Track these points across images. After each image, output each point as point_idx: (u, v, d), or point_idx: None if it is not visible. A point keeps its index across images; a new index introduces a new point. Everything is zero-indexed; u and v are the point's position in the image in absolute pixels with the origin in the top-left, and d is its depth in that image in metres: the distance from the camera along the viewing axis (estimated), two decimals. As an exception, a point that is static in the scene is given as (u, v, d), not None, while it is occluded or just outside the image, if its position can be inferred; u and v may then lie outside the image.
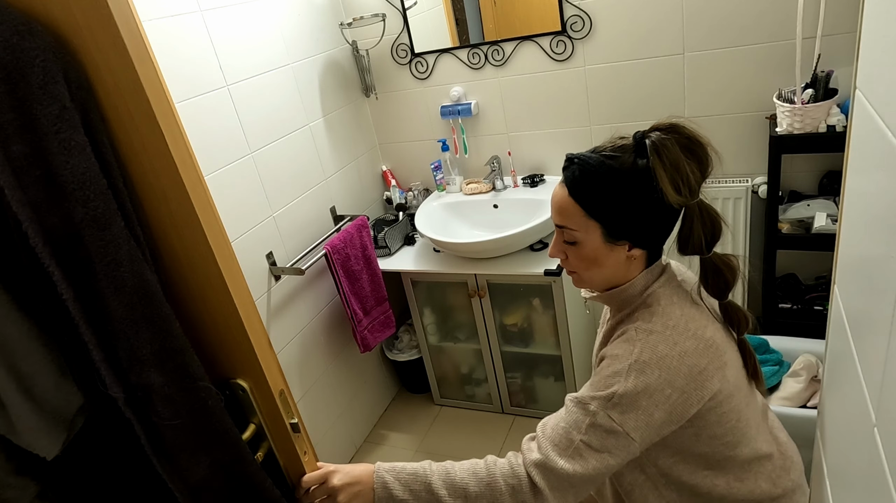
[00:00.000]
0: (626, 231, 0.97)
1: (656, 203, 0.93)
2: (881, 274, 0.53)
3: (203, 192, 0.80)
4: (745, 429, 0.99)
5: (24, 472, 0.81)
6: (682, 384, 0.91)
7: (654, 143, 0.93)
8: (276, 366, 0.94)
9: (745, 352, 1.03)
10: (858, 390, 0.61)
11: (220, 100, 1.74)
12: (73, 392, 0.78)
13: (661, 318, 0.96)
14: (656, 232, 0.99)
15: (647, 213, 0.96)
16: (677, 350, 0.92)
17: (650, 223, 0.97)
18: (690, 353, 0.92)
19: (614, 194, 0.95)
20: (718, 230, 0.98)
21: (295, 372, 2.06)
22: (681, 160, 0.92)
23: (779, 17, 1.75)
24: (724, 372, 0.95)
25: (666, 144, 0.93)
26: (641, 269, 1.01)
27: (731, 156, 1.99)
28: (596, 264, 1.01)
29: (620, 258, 0.99)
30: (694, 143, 0.94)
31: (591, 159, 0.97)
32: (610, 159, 0.96)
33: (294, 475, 1.01)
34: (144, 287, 0.74)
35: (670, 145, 0.93)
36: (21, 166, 0.66)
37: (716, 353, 0.94)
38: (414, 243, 2.36)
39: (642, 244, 0.99)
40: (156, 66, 0.73)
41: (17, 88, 0.65)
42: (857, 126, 0.64)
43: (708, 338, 0.95)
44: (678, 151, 0.93)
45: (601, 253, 0.99)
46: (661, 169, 0.92)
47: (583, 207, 0.97)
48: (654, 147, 0.93)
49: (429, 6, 2.17)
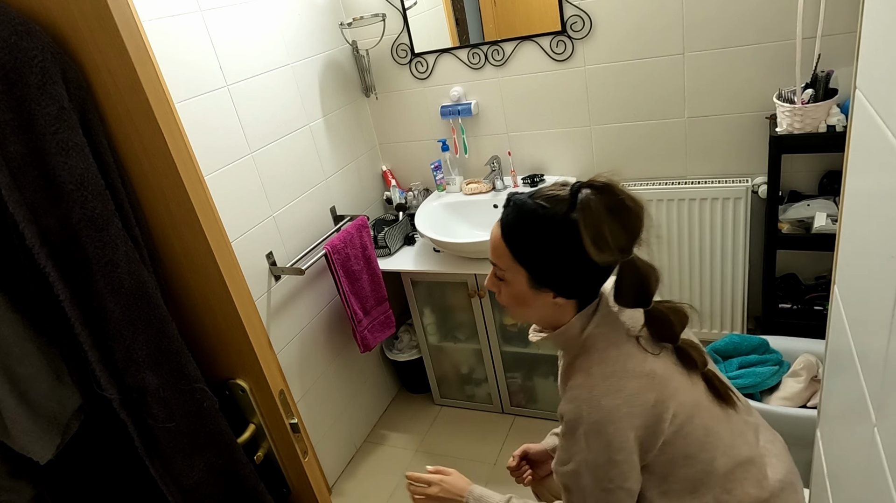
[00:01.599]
0: (551, 280, 0.98)
1: (583, 257, 0.93)
2: (881, 274, 0.53)
3: (203, 192, 0.79)
4: (716, 441, 0.99)
5: (19, 475, 0.81)
6: (642, 422, 0.93)
7: (581, 200, 0.93)
8: (276, 366, 0.94)
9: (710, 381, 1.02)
10: (858, 390, 0.61)
11: (220, 100, 1.74)
12: (68, 396, 0.78)
13: (599, 367, 0.96)
14: (583, 284, 1.00)
15: (573, 265, 0.96)
16: (622, 396, 0.93)
17: (576, 275, 0.98)
18: (636, 393, 0.93)
19: (541, 243, 0.97)
20: (648, 288, 0.98)
21: (295, 372, 2.06)
22: (603, 222, 0.92)
23: (779, 17, 1.75)
24: (676, 398, 0.95)
25: (590, 205, 0.93)
26: (574, 312, 1.02)
27: (731, 156, 1.99)
28: (524, 304, 1.03)
29: (547, 302, 1.01)
30: (620, 207, 0.93)
31: (527, 204, 0.98)
32: (543, 208, 0.96)
33: (294, 475, 1.01)
34: (141, 288, 0.74)
35: (594, 206, 0.92)
36: (19, 166, 0.66)
37: (660, 384, 0.95)
38: (414, 243, 2.36)
39: (566, 294, 1.00)
40: (155, 66, 0.73)
41: (15, 88, 0.64)
42: (857, 126, 0.63)
43: (648, 371, 0.95)
44: (602, 213, 0.92)
45: (527, 296, 1.01)
46: (584, 227, 0.92)
47: (511, 251, 0.99)
48: (581, 205, 0.93)
49: (429, 6, 2.17)
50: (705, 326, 2.19)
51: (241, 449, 0.89)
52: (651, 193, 2.06)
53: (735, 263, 2.03)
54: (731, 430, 1.02)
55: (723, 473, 0.99)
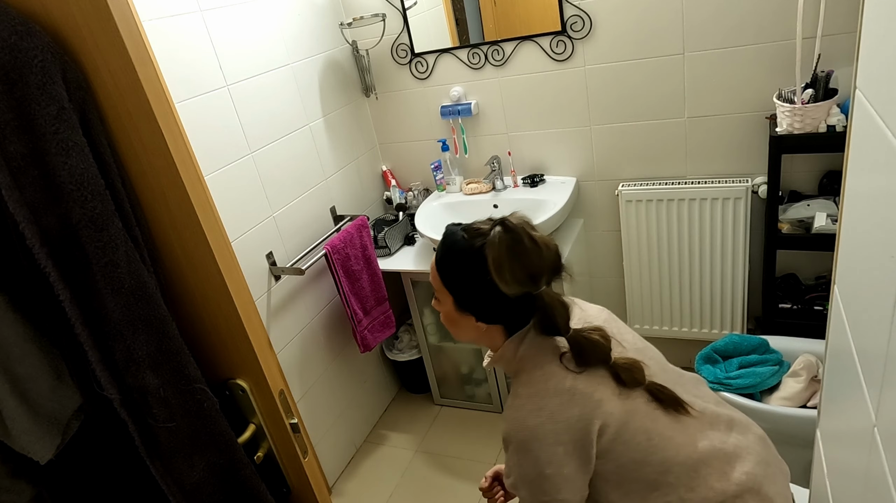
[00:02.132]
0: (471, 306, 1.07)
1: (495, 286, 1.01)
2: (881, 274, 0.53)
3: (203, 192, 0.79)
4: (664, 443, 1.02)
5: (19, 475, 0.81)
6: (569, 437, 0.99)
7: (490, 236, 1.03)
8: (276, 366, 0.94)
9: (653, 393, 1.05)
10: (858, 390, 0.61)
11: (220, 100, 1.74)
12: (69, 396, 0.78)
13: (525, 387, 1.04)
14: (500, 311, 1.07)
15: (486, 293, 1.03)
16: (545, 414, 0.99)
17: (491, 302, 1.05)
18: (558, 410, 0.99)
19: (460, 271, 1.06)
20: (555, 321, 1.04)
21: (295, 372, 2.06)
22: (504, 260, 1.00)
23: (779, 17, 1.75)
24: (602, 409, 1.00)
25: (495, 242, 1.01)
26: (504, 337, 1.10)
27: (731, 156, 1.99)
28: (455, 325, 1.13)
29: (472, 325, 1.09)
30: (520, 248, 1.01)
31: (455, 234, 1.07)
32: (464, 239, 1.05)
33: (294, 475, 1.01)
34: (142, 288, 0.74)
35: (498, 243, 1.01)
36: (19, 166, 0.66)
37: (582, 398, 1.00)
38: (414, 243, 2.36)
39: (487, 320, 1.08)
40: (155, 66, 0.73)
41: (15, 88, 0.65)
42: (857, 126, 0.63)
43: (568, 388, 1.00)
44: (504, 250, 1.00)
45: (455, 317, 1.10)
46: (490, 261, 1.00)
47: (440, 276, 1.09)
48: (489, 241, 1.02)
49: (429, 6, 2.17)
50: (705, 326, 2.19)
51: (242, 449, 0.89)
52: (651, 193, 2.06)
53: (735, 263, 2.04)
54: (685, 431, 1.04)
55: (683, 472, 1.01)
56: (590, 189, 2.24)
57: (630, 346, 1.11)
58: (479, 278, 1.02)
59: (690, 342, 2.27)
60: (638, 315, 2.30)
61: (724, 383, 1.73)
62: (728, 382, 1.72)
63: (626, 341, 1.12)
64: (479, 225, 1.06)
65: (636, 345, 1.14)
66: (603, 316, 1.18)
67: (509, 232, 1.02)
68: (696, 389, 1.14)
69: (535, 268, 1.02)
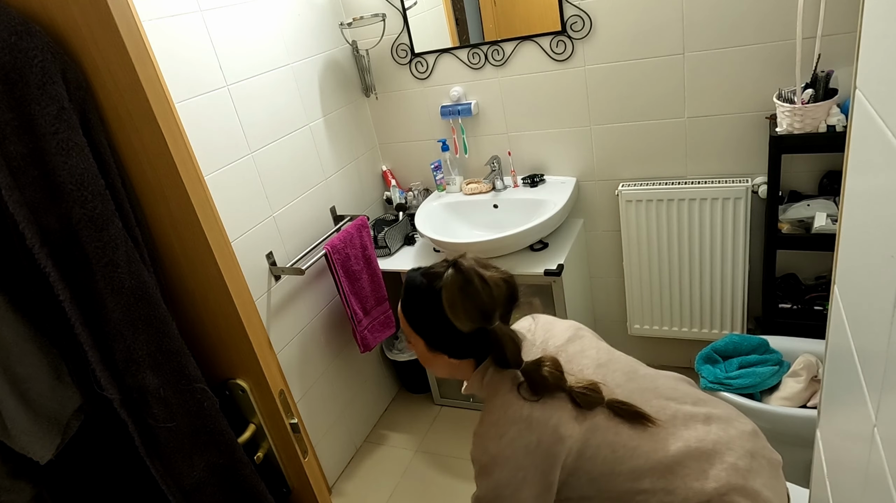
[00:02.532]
0: (442, 344, 1.13)
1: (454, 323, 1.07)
2: (881, 274, 0.53)
3: (203, 192, 0.79)
4: (628, 452, 1.04)
5: (19, 475, 0.81)
6: (529, 462, 1.03)
7: (444, 277, 1.09)
8: (276, 366, 0.94)
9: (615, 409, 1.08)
10: (858, 390, 0.61)
11: (220, 100, 1.74)
12: (68, 396, 0.78)
13: (488, 415, 1.09)
14: (467, 346, 1.12)
15: (451, 331, 1.08)
16: (505, 441, 1.04)
17: (458, 339, 1.10)
18: (517, 437, 1.04)
19: (422, 313, 1.12)
20: (506, 355, 1.09)
21: (295, 372, 2.06)
22: (456, 300, 1.06)
23: (779, 17, 1.75)
24: (560, 432, 1.03)
25: (447, 283, 1.07)
26: (473, 369, 1.15)
27: (731, 156, 1.99)
28: (430, 364, 1.18)
29: (445, 362, 1.15)
30: (469, 288, 1.06)
31: (415, 279, 1.13)
32: (422, 282, 1.12)
33: (294, 475, 1.01)
34: (142, 288, 0.74)
35: (450, 283, 1.07)
36: (19, 166, 0.66)
37: (539, 424, 1.04)
38: (414, 243, 2.36)
39: (459, 356, 1.13)
40: (155, 66, 0.73)
41: (15, 88, 0.65)
42: (857, 126, 0.63)
43: (525, 416, 1.05)
44: (455, 291, 1.06)
45: (429, 356, 1.16)
46: (444, 300, 1.07)
47: (406, 320, 1.15)
48: (443, 281, 1.08)
49: (429, 6, 2.17)
50: (705, 326, 2.19)
51: (242, 449, 0.89)
52: (651, 193, 2.06)
53: (735, 263, 2.04)
54: (653, 437, 1.06)
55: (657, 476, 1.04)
56: (590, 189, 2.24)
57: (591, 363, 1.14)
58: (440, 318, 1.08)
59: (690, 342, 2.27)
60: (638, 315, 2.30)
61: (724, 383, 1.73)
62: (728, 382, 1.72)
63: (587, 358, 1.15)
64: (437, 268, 1.12)
65: (599, 359, 1.16)
66: (567, 334, 1.21)
67: (460, 273, 1.08)
68: (674, 390, 1.16)
69: (486, 307, 1.07)
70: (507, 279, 1.11)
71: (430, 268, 1.13)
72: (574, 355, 1.14)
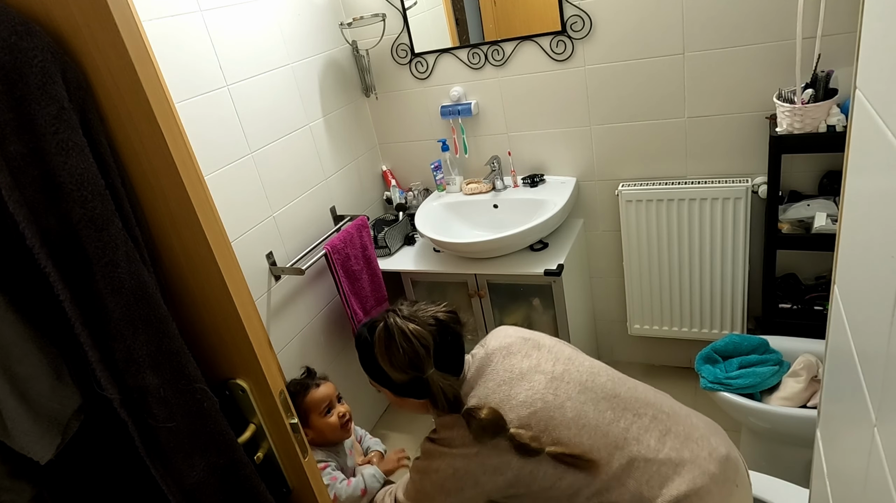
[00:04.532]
0: (404, 391, 1.20)
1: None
2: (881, 274, 0.53)
3: (203, 191, 0.79)
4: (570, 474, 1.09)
5: (19, 476, 0.81)
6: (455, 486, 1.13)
7: (375, 333, 1.19)
8: (276, 366, 0.94)
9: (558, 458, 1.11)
10: (858, 390, 0.61)
11: (220, 100, 1.74)
12: (69, 396, 0.78)
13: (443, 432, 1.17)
14: (423, 390, 1.18)
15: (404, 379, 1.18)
16: (445, 462, 1.14)
17: (414, 386, 1.18)
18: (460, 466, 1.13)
19: (374, 367, 1.21)
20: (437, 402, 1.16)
21: (295, 372, 2.06)
22: (384, 355, 1.17)
23: (779, 17, 1.75)
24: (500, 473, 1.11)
25: (377, 340, 1.18)
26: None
27: (731, 156, 1.99)
28: (402, 407, 1.27)
29: (416, 404, 1.23)
30: (393, 344, 1.15)
31: (362, 335, 1.23)
32: (367, 339, 1.21)
33: (294, 475, 1.01)
34: (142, 288, 0.74)
35: (378, 341, 1.18)
36: (19, 166, 0.66)
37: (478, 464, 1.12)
38: (414, 243, 2.36)
39: (423, 397, 1.19)
40: (155, 66, 0.73)
41: (15, 88, 0.65)
42: (857, 126, 0.63)
43: (469, 453, 1.12)
44: (382, 348, 1.17)
45: (399, 401, 1.25)
46: (377, 356, 1.18)
47: (367, 374, 1.26)
48: (375, 338, 1.18)
49: (429, 6, 2.17)
50: (705, 326, 2.19)
51: (242, 449, 0.89)
52: (651, 193, 2.06)
53: (735, 263, 2.04)
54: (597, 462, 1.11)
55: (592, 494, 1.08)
56: (590, 189, 2.24)
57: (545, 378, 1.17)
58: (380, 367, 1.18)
59: (690, 342, 2.27)
60: (638, 315, 2.30)
61: (724, 383, 1.73)
62: (728, 382, 1.72)
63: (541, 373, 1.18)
64: (376, 322, 1.21)
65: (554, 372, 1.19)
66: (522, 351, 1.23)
67: (386, 330, 1.17)
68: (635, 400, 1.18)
69: (413, 359, 1.15)
70: (434, 324, 1.17)
71: (373, 322, 1.23)
72: (527, 372, 1.18)
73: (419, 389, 1.18)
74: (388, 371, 1.17)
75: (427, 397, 1.19)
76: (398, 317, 1.17)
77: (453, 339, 1.20)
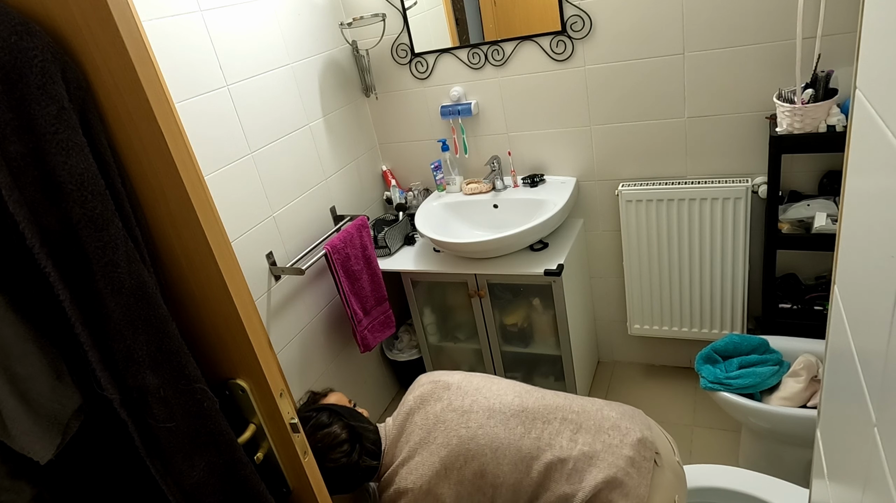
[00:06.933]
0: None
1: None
2: (881, 274, 0.53)
3: (203, 192, 0.79)
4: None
5: (19, 476, 0.81)
6: None
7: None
8: (276, 366, 0.94)
9: None
10: (858, 390, 0.61)
11: (220, 100, 1.74)
12: (69, 396, 0.78)
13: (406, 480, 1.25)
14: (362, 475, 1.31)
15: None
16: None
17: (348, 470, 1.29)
18: None
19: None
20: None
21: (295, 372, 2.06)
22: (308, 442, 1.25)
23: (779, 17, 1.75)
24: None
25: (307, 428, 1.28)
26: None
27: (731, 156, 1.99)
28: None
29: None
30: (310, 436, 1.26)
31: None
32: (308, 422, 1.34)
33: (294, 475, 1.01)
34: (142, 288, 0.74)
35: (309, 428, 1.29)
36: (19, 166, 0.66)
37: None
38: (414, 243, 2.36)
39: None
40: (155, 66, 0.73)
41: (15, 88, 0.64)
42: (857, 126, 0.63)
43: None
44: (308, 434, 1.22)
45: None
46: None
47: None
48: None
49: (429, 6, 2.17)
50: (705, 326, 2.20)
51: (242, 449, 0.89)
52: (651, 193, 2.06)
53: (735, 263, 2.04)
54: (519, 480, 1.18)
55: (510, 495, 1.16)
56: (590, 189, 2.24)
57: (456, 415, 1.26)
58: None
59: (690, 342, 2.27)
60: (638, 315, 2.30)
61: (724, 383, 1.73)
62: (728, 382, 1.72)
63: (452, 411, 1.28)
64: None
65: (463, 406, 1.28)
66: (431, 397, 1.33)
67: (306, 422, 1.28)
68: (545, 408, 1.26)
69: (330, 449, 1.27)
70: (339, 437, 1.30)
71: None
72: (440, 414, 1.27)
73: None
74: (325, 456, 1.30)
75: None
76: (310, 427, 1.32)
77: (333, 467, 1.28)
